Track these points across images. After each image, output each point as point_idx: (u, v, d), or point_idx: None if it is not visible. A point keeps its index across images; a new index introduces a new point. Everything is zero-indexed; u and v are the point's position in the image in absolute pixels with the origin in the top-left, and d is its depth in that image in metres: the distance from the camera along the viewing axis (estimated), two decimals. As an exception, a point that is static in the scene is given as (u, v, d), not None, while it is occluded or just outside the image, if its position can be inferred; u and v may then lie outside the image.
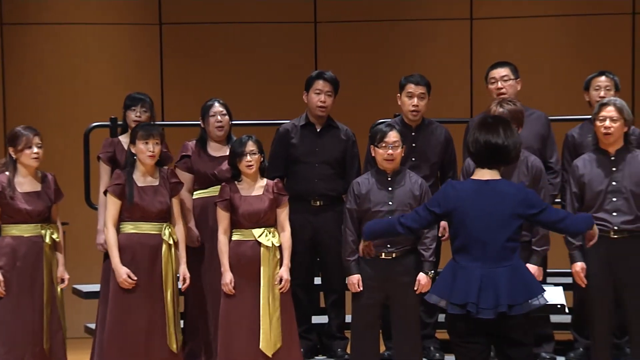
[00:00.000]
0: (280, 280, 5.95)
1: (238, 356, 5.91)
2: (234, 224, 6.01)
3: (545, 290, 4.59)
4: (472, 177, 4.70)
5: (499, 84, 6.38)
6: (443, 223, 5.97)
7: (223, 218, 5.99)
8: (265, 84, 9.04)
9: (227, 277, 5.94)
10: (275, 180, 6.10)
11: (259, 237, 5.96)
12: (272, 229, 6.01)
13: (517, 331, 4.54)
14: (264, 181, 6.07)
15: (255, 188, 6.03)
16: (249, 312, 5.91)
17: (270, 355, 5.89)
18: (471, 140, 4.67)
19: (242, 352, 5.90)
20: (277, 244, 5.99)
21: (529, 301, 4.54)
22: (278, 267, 5.97)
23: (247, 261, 5.95)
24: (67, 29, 9.04)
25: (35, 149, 5.94)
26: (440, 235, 6.15)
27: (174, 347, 5.91)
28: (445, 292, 4.60)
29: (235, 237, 6.01)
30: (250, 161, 5.98)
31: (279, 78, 8.97)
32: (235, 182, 6.04)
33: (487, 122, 4.68)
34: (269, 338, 5.90)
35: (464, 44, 9.10)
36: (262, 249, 5.96)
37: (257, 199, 6.00)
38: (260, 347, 5.89)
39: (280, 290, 5.95)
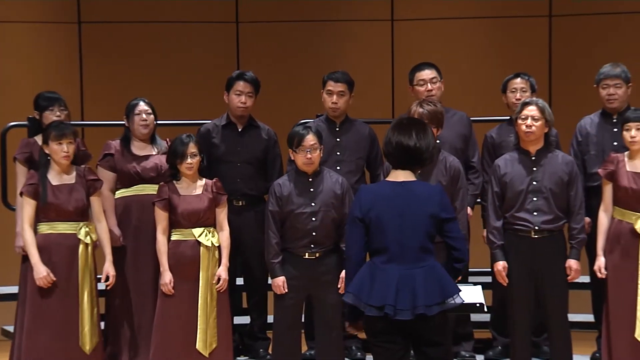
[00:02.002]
0: (219, 279, 5.94)
1: (173, 356, 5.89)
2: (173, 224, 5.98)
3: (461, 290, 4.64)
4: (387, 179, 4.71)
5: (429, 86, 6.42)
6: None
7: (162, 218, 5.96)
8: (186, 83, 8.99)
9: (167, 276, 5.91)
10: (215, 180, 6.08)
11: (199, 236, 5.95)
12: (211, 229, 6.00)
13: (434, 331, 4.57)
14: (203, 181, 6.05)
15: (195, 188, 6.01)
16: (186, 312, 5.90)
17: (207, 355, 5.89)
18: (385, 142, 4.68)
19: (178, 352, 5.89)
20: (217, 244, 5.98)
21: (446, 301, 4.56)
22: (217, 267, 5.96)
23: (186, 261, 5.93)
24: (-17, 27, 8.89)
25: None
26: None
27: (86, 348, 5.86)
28: (363, 293, 4.60)
29: (174, 237, 5.98)
30: (191, 163, 5.96)
31: (201, 78, 8.93)
32: (174, 181, 6.01)
33: (402, 124, 4.68)
34: (205, 338, 5.88)
35: (385, 45, 9.16)
36: (201, 248, 5.95)
37: (196, 198, 5.99)
38: (197, 347, 5.88)
39: (218, 290, 5.94)
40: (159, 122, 6.59)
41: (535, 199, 5.86)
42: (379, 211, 4.60)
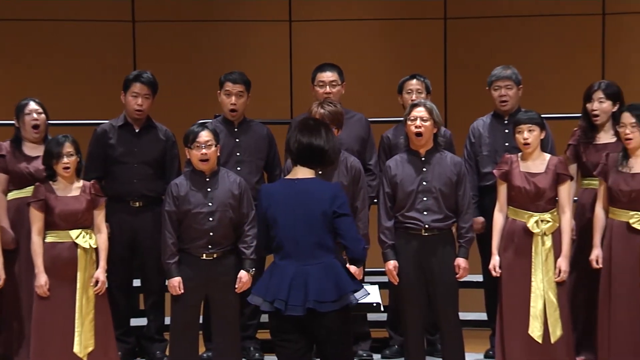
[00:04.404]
0: (97, 282, 5.88)
1: (52, 359, 5.81)
2: (49, 225, 5.88)
3: (357, 290, 4.66)
4: (286, 177, 4.77)
5: (328, 89, 6.44)
6: None
7: (37, 219, 5.85)
8: (82, 83, 8.88)
9: (42, 278, 5.81)
10: (92, 182, 6.01)
11: (76, 238, 5.87)
12: (89, 231, 5.92)
13: (331, 329, 4.61)
14: (81, 182, 5.97)
15: (72, 189, 5.93)
16: (64, 315, 5.82)
17: (83, 358, 5.82)
18: (293, 141, 4.71)
19: (57, 356, 5.81)
20: (95, 246, 5.91)
21: (340, 299, 4.60)
22: (94, 269, 5.90)
23: (63, 263, 5.84)
24: None
25: None
26: None
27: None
28: (262, 290, 4.65)
29: (50, 239, 5.89)
30: (67, 163, 5.87)
31: (97, 77, 8.83)
32: (51, 182, 5.92)
33: (310, 124, 4.74)
34: (81, 341, 5.82)
35: (283, 46, 9.19)
36: (79, 250, 5.87)
37: (74, 199, 5.90)
38: (74, 350, 5.81)
39: (96, 292, 5.88)
40: (54, 122, 6.50)
41: (425, 198, 5.94)
42: (275, 209, 4.65)
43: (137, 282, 6.63)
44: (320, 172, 4.80)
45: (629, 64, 8.99)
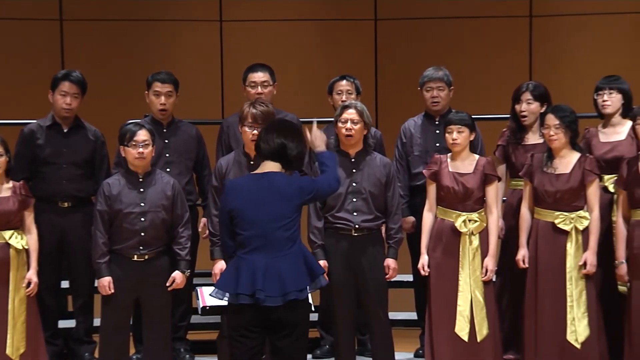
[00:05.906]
0: (29, 283, 5.82)
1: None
2: None
3: (325, 270, 4.79)
4: (253, 172, 4.85)
5: (259, 89, 6.45)
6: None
7: None
8: (8, 82, 8.76)
9: None
10: (21, 182, 5.96)
11: (10, 239, 5.81)
12: (20, 231, 5.88)
13: (300, 319, 4.76)
14: (10, 183, 5.91)
15: (2, 189, 5.88)
16: None
17: (15, 360, 5.78)
18: (260, 138, 4.82)
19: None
20: (26, 247, 5.86)
21: (312, 283, 4.77)
22: (25, 270, 5.84)
23: None
24: None
25: None
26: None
27: None
28: (231, 285, 4.71)
29: None
30: (-3, 163, 5.82)
31: (24, 77, 8.72)
32: None
33: (280, 124, 4.92)
34: (13, 342, 5.77)
35: (214, 46, 9.17)
36: (11, 251, 5.82)
37: (4, 200, 5.86)
38: (7, 352, 5.76)
39: (28, 294, 5.82)
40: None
41: (355, 199, 5.97)
42: (242, 204, 4.74)
43: (65, 284, 6.57)
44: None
45: (556, 65, 9.13)
